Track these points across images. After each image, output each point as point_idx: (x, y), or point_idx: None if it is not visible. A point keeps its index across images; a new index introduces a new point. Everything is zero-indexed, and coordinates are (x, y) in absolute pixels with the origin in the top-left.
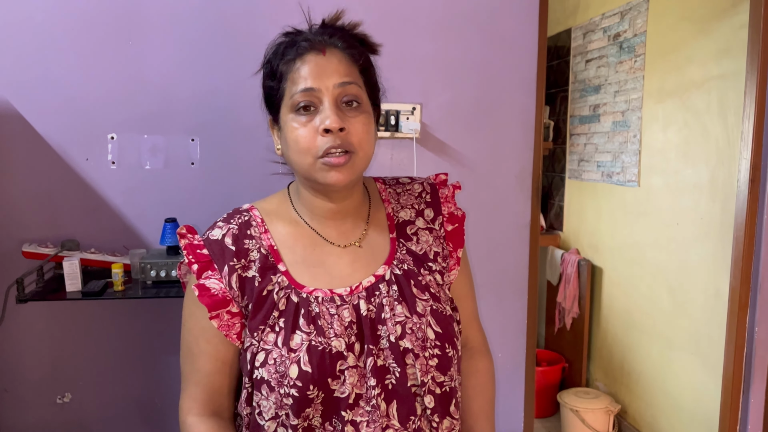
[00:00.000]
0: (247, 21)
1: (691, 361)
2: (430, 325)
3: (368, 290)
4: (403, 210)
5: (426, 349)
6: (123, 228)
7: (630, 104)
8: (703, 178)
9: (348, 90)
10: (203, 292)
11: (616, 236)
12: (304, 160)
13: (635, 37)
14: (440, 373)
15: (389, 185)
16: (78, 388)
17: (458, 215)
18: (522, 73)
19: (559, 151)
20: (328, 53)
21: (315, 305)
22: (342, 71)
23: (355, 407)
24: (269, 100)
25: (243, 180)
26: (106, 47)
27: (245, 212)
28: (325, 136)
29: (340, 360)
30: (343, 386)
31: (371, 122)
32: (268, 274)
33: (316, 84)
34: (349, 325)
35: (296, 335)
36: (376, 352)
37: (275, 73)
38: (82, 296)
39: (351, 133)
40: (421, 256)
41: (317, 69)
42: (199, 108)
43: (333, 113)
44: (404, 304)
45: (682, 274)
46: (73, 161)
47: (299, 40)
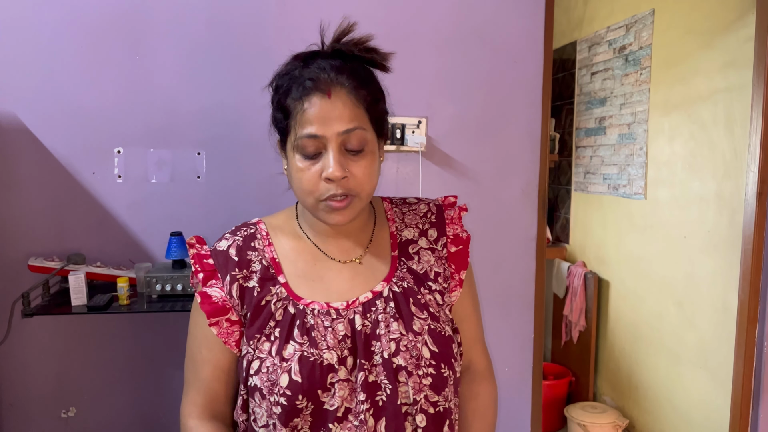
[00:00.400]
0: (255, 35)
1: (700, 375)
2: (427, 343)
3: (365, 305)
4: (407, 229)
5: (420, 368)
6: (129, 241)
7: (636, 117)
8: (710, 191)
9: (352, 136)
10: (205, 300)
11: (623, 249)
12: (307, 200)
13: (641, 50)
14: (434, 393)
15: (396, 205)
16: (83, 403)
17: (463, 237)
18: (528, 86)
19: (565, 163)
20: (334, 95)
21: (311, 317)
22: (347, 116)
23: (344, 421)
24: (276, 127)
25: (249, 194)
26: (113, 61)
27: (252, 225)
28: (328, 183)
29: (331, 372)
30: (333, 399)
31: (374, 161)
32: (268, 285)
33: (320, 131)
34: (342, 338)
35: (290, 345)
36: (368, 367)
37: (282, 106)
38: (87, 310)
39: (352, 178)
40: (421, 276)
41: (321, 114)
42: (206, 122)
43: (336, 162)
44: (400, 321)
45: (690, 288)
46: (79, 175)
47: (306, 77)
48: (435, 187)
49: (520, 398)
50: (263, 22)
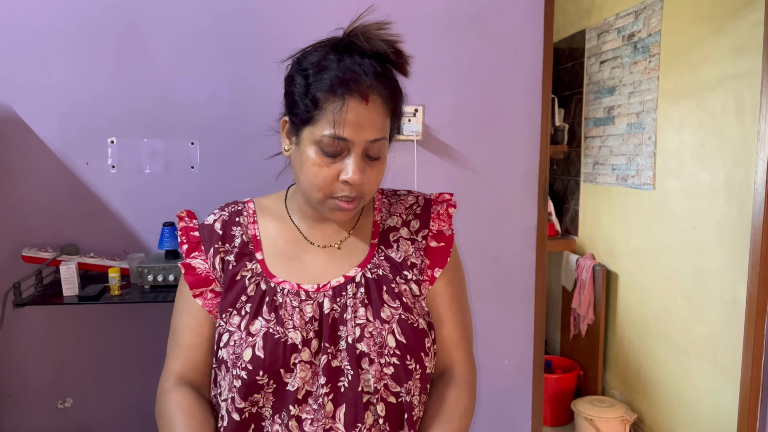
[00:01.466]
0: (247, 25)
1: (709, 369)
2: (393, 332)
3: (335, 289)
4: (390, 218)
5: (383, 356)
6: (123, 232)
7: (645, 105)
8: (719, 181)
9: (376, 146)
10: (189, 271)
11: (632, 241)
12: (314, 194)
13: (650, 37)
14: (395, 383)
15: (386, 196)
16: (79, 393)
17: (446, 234)
18: (527, 74)
19: (574, 154)
20: (371, 102)
21: (280, 296)
22: (377, 126)
23: (303, 404)
24: (293, 110)
25: (243, 184)
26: (106, 52)
27: (241, 203)
28: (344, 185)
29: (294, 353)
30: (294, 380)
31: (385, 165)
32: (244, 260)
33: (350, 136)
34: (309, 320)
35: (257, 321)
36: (333, 352)
37: (313, 95)
38: (78, 301)
39: (367, 182)
40: (398, 264)
41: (357, 120)
42: (199, 112)
43: (358, 169)
44: (368, 308)
45: (698, 280)
46: (73, 165)
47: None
48: (432, 177)
49: (520, 392)
50: (256, 12)
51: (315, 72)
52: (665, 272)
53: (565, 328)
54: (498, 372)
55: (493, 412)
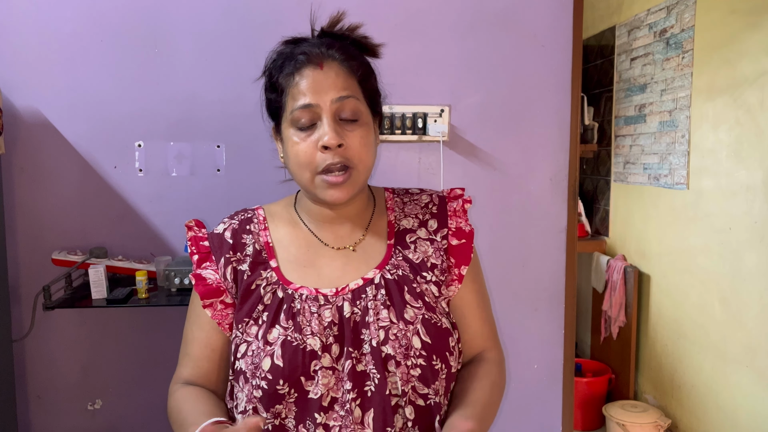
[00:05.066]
0: (273, 26)
1: (747, 374)
2: (418, 333)
3: (354, 292)
4: (405, 219)
5: (409, 358)
6: (150, 235)
7: (678, 103)
8: (757, 180)
9: (346, 105)
10: (199, 282)
11: (665, 242)
12: (303, 175)
13: (683, 33)
14: (423, 385)
15: (397, 195)
16: (108, 395)
17: (466, 231)
18: (556, 72)
19: (604, 153)
20: (326, 66)
21: (298, 302)
22: (340, 85)
23: (330, 411)
24: (271, 111)
25: (268, 186)
26: (133, 56)
27: (250, 211)
28: (324, 153)
29: (314, 359)
30: (317, 387)
31: (370, 133)
32: (259, 269)
33: (314, 100)
34: (328, 325)
35: (275, 329)
36: (356, 356)
37: (275, 85)
38: (107, 303)
39: (349, 147)
40: (417, 265)
41: (315, 84)
42: (225, 115)
43: (331, 129)
44: (391, 309)
45: (736, 282)
46: (101, 169)
47: (297, 52)
48: (458, 177)
49: (551, 397)
50: (281, 15)
51: (272, 66)
52: (700, 274)
53: (595, 331)
54: (527, 376)
55: (522, 417)
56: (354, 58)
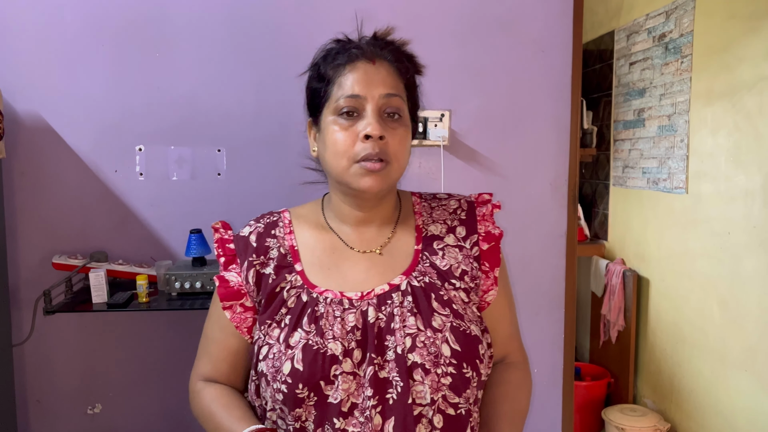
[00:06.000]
0: (272, 32)
1: (746, 379)
2: (447, 341)
3: (380, 298)
4: (433, 224)
5: (439, 366)
6: (151, 239)
7: (677, 107)
8: (756, 184)
9: (392, 102)
10: (222, 284)
11: (664, 246)
12: (340, 163)
13: (681, 38)
14: (454, 394)
15: (425, 199)
16: (108, 400)
17: (495, 234)
18: (556, 76)
19: (603, 157)
20: (378, 63)
21: (322, 306)
22: (389, 83)
23: (349, 416)
24: (312, 102)
25: (269, 190)
26: (133, 60)
27: (276, 214)
28: (365, 142)
29: (335, 364)
30: (336, 392)
31: (408, 136)
32: (283, 272)
33: (362, 91)
34: (351, 330)
35: (296, 333)
36: (379, 362)
37: (323, 75)
38: (107, 308)
39: (389, 143)
40: (445, 272)
41: (366, 77)
42: (225, 119)
43: (375, 121)
44: (418, 317)
45: (735, 286)
46: (102, 173)
47: (350, 47)
48: (458, 182)
49: (550, 401)
50: (281, 21)
51: (322, 59)
52: (699, 278)
53: (594, 335)
54: None
55: None
56: (404, 61)
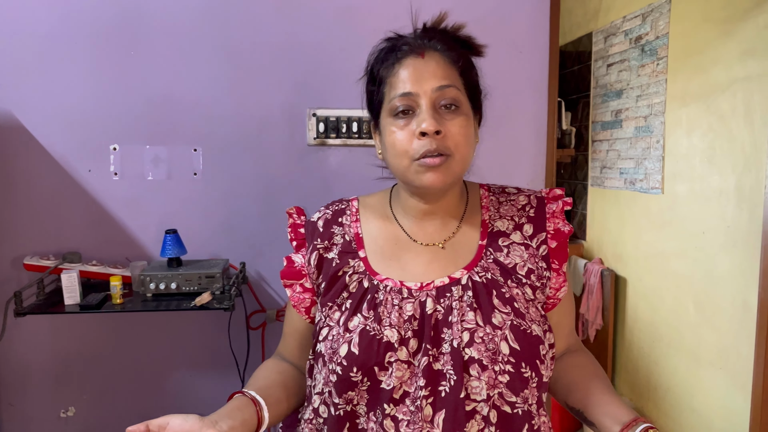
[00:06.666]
0: (250, 31)
1: (720, 376)
2: (507, 339)
3: (439, 290)
4: (500, 220)
5: (497, 363)
6: (126, 239)
7: (653, 109)
8: (730, 185)
9: (446, 93)
10: (288, 264)
11: (641, 245)
12: (401, 163)
13: (657, 40)
14: (510, 392)
15: (493, 193)
16: (82, 403)
17: (564, 231)
18: (533, 78)
19: (582, 158)
20: (427, 56)
21: (382, 293)
22: (440, 74)
23: (400, 404)
24: (370, 105)
25: (246, 190)
26: (108, 58)
27: (345, 201)
28: (422, 139)
29: (390, 351)
30: (390, 378)
31: (470, 125)
32: (347, 258)
33: (413, 88)
34: (408, 319)
35: (356, 317)
36: (434, 354)
37: (375, 77)
38: (80, 309)
39: (447, 136)
40: (509, 269)
41: (415, 72)
42: (202, 118)
43: (430, 116)
44: (478, 312)
45: (709, 285)
46: (75, 172)
47: (399, 44)
48: None
49: None
50: (258, 19)
51: (374, 60)
52: (675, 277)
53: None
54: None
55: None
56: (455, 49)
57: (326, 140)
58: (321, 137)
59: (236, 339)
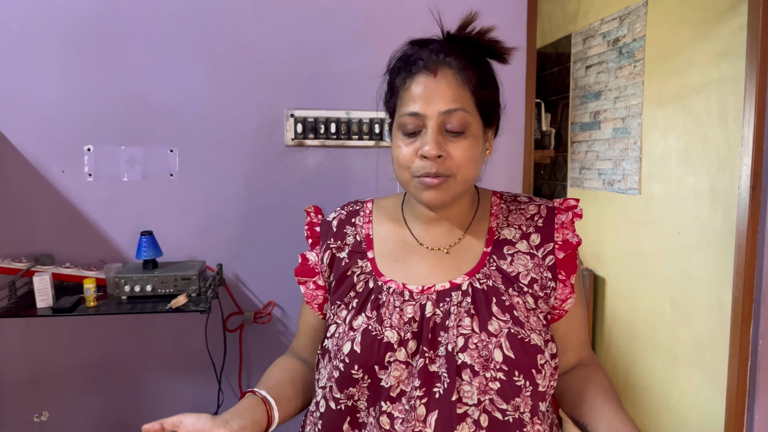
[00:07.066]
0: (226, 30)
1: (696, 374)
2: (501, 347)
3: (439, 294)
4: (508, 228)
5: (488, 370)
6: (100, 241)
7: (630, 110)
8: (704, 186)
9: (453, 117)
10: (303, 261)
11: (619, 246)
12: (403, 176)
13: (634, 42)
14: (501, 399)
15: (505, 201)
16: (55, 407)
17: (573, 242)
18: (511, 80)
19: (561, 159)
20: (440, 75)
21: (385, 294)
22: (449, 97)
23: (397, 402)
24: (386, 108)
25: (223, 191)
26: (82, 58)
27: (360, 203)
28: (423, 161)
29: (389, 351)
30: (389, 377)
31: (476, 145)
32: (356, 258)
33: (422, 109)
34: (408, 321)
35: (360, 317)
36: (431, 356)
37: (391, 85)
38: (52, 313)
39: (450, 158)
40: (511, 277)
41: (425, 92)
42: (178, 118)
43: (433, 140)
44: (475, 319)
45: (685, 285)
46: (48, 173)
47: (415, 57)
48: None
49: None
50: (235, 15)
51: (393, 65)
52: (652, 277)
53: None
54: None
55: None
56: (471, 66)
57: (304, 141)
58: (299, 138)
59: (213, 341)
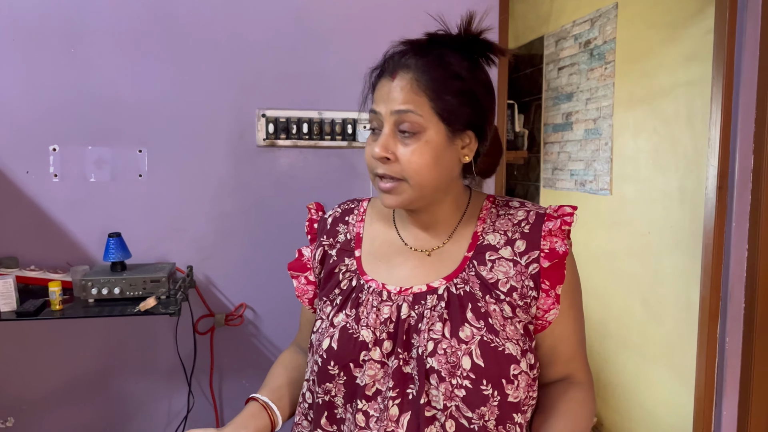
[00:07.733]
0: (195, 29)
1: (666, 373)
2: (471, 354)
3: (415, 296)
4: (493, 233)
5: (455, 376)
6: (67, 243)
7: (601, 112)
8: (673, 186)
9: (404, 118)
10: (298, 256)
11: (591, 246)
12: (371, 175)
13: (605, 44)
14: (467, 407)
15: (496, 205)
16: (21, 413)
17: (560, 251)
18: None
19: (534, 160)
20: (398, 78)
21: (365, 293)
22: (402, 98)
23: (372, 400)
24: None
25: (193, 192)
26: (47, 56)
27: (356, 201)
28: (376, 161)
29: (364, 350)
30: (363, 376)
31: (430, 149)
32: (344, 256)
33: (379, 108)
34: (385, 321)
35: (340, 314)
36: (405, 358)
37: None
38: (16, 317)
39: (400, 161)
40: (489, 284)
41: (383, 93)
42: (147, 118)
43: (381, 141)
44: (447, 324)
45: (655, 284)
46: (12, 174)
47: (385, 60)
48: None
49: None
50: (204, 13)
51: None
52: (624, 277)
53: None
54: None
55: None
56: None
57: (276, 141)
58: (271, 138)
59: (184, 345)
